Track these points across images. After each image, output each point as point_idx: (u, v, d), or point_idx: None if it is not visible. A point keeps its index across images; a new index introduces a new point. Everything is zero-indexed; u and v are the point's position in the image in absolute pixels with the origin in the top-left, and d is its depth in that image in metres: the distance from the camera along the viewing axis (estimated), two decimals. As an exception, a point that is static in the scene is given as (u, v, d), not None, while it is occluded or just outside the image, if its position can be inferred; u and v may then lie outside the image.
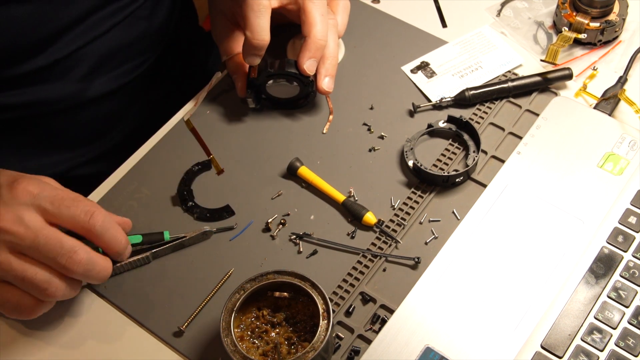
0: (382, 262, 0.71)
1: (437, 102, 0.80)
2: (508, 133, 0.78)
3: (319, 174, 0.76)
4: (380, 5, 0.90)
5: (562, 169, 0.74)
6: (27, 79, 0.78)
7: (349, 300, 0.69)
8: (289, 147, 0.79)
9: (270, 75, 0.77)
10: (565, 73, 0.81)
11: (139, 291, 0.70)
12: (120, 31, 0.83)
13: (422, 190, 0.75)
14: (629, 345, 0.64)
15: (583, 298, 0.66)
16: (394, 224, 0.73)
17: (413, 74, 0.84)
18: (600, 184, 0.73)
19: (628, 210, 0.71)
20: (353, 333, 0.67)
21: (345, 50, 0.86)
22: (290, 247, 0.72)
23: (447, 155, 0.77)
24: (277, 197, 0.75)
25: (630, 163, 0.74)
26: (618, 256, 0.69)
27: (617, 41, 0.85)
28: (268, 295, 0.64)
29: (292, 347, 0.63)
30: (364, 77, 0.84)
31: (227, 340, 0.60)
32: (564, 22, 0.84)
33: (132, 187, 0.77)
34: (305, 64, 0.75)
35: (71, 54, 0.79)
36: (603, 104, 0.79)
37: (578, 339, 0.64)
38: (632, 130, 0.77)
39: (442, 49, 0.86)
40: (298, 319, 0.64)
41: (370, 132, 0.80)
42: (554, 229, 0.70)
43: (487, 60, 0.84)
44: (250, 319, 0.64)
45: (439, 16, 0.89)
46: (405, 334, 0.65)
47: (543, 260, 0.69)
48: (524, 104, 0.80)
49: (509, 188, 0.73)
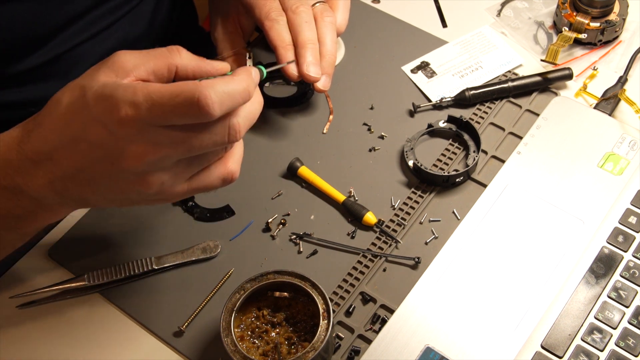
0: (382, 262, 0.71)
1: (437, 102, 0.80)
2: (508, 133, 0.78)
3: (319, 174, 0.76)
4: (380, 5, 0.90)
5: (562, 169, 0.74)
6: (28, 76, 0.78)
7: (349, 300, 0.69)
8: (289, 147, 0.79)
9: (267, 79, 0.77)
10: (565, 73, 0.81)
11: (139, 291, 0.70)
12: (121, 29, 0.83)
13: (422, 190, 0.75)
14: (629, 345, 0.64)
15: (583, 298, 0.66)
16: (394, 224, 0.73)
17: (413, 74, 0.84)
18: (600, 184, 0.73)
19: (628, 210, 0.71)
20: (353, 333, 0.67)
21: (345, 50, 0.86)
22: (290, 247, 0.72)
23: (447, 155, 0.77)
24: (277, 197, 0.75)
25: (630, 163, 0.74)
26: (618, 256, 0.69)
27: (617, 41, 0.85)
28: (268, 295, 0.64)
29: (292, 347, 0.63)
30: (364, 77, 0.84)
31: (227, 340, 0.60)
32: (564, 22, 0.84)
33: (132, 187, 0.77)
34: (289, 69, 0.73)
35: (72, 49, 0.79)
36: (603, 104, 0.79)
37: (578, 339, 0.64)
38: (632, 130, 0.77)
39: (442, 49, 0.86)
40: (298, 319, 0.64)
41: (370, 132, 0.80)
42: (554, 229, 0.70)
43: (487, 60, 0.84)
44: (250, 319, 0.64)
45: (439, 16, 0.89)
46: (405, 334, 0.65)
47: (543, 260, 0.69)
48: (524, 104, 0.80)
49: (509, 188, 0.73)
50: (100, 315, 0.69)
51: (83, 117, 0.54)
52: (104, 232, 0.74)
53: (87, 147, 0.54)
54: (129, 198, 0.58)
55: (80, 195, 0.58)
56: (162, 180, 0.56)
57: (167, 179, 0.56)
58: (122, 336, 0.68)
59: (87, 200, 0.59)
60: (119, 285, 0.70)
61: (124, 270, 0.70)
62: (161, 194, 0.57)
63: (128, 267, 0.70)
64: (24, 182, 0.57)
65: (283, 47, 0.73)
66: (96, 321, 0.69)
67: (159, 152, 0.53)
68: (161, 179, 0.55)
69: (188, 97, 0.51)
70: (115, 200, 0.59)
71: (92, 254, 0.73)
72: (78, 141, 0.55)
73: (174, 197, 0.59)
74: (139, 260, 0.70)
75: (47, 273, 0.72)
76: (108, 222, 0.75)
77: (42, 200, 0.59)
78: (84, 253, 0.73)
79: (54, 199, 0.58)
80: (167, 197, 0.58)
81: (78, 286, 0.69)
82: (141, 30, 0.86)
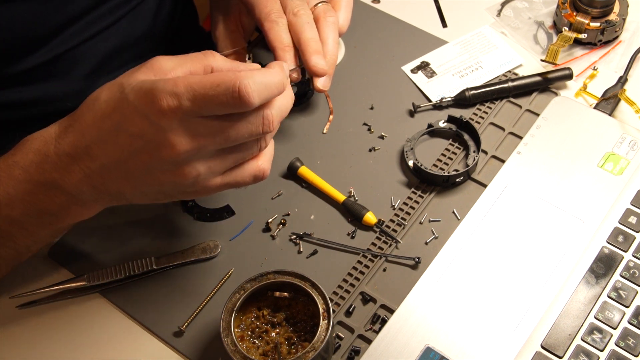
0: (382, 262, 0.71)
1: (437, 102, 0.80)
2: (508, 133, 0.78)
3: (319, 174, 0.76)
4: (380, 5, 0.90)
5: (562, 169, 0.74)
6: (28, 76, 0.78)
7: (349, 300, 0.69)
8: (289, 147, 0.79)
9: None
10: (565, 73, 0.81)
11: (139, 291, 0.70)
12: (121, 29, 0.83)
13: (422, 190, 0.75)
14: (629, 345, 0.64)
15: (583, 298, 0.66)
16: (394, 224, 0.73)
17: (413, 74, 0.84)
18: (600, 184, 0.73)
19: (628, 210, 0.71)
20: (353, 333, 0.67)
21: (345, 50, 0.86)
22: (290, 247, 0.72)
23: (447, 155, 0.77)
24: (277, 197, 0.75)
25: (630, 163, 0.74)
26: (618, 256, 0.69)
27: (617, 41, 0.85)
28: (268, 295, 0.64)
29: (292, 347, 0.63)
30: (364, 77, 0.84)
31: (227, 340, 0.61)
32: (564, 22, 0.84)
33: (132, 187, 0.77)
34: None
35: (72, 49, 0.79)
36: (603, 104, 0.79)
37: (578, 338, 0.64)
38: (632, 130, 0.77)
39: (442, 49, 0.86)
40: (298, 319, 0.64)
41: (370, 132, 0.80)
42: (554, 229, 0.70)
43: (487, 60, 0.84)
44: (250, 319, 0.64)
45: (439, 16, 0.89)
46: (405, 334, 0.65)
47: (543, 260, 0.69)
48: (524, 104, 0.80)
49: (509, 188, 0.73)
50: (100, 315, 0.69)
51: (123, 110, 0.55)
52: (104, 232, 0.74)
53: (127, 139, 0.56)
54: (163, 191, 0.59)
55: (117, 189, 0.59)
56: (198, 171, 0.57)
57: (203, 171, 0.58)
58: (122, 336, 0.68)
59: (123, 194, 0.60)
60: (119, 285, 0.70)
61: (124, 270, 0.70)
62: (195, 186, 0.59)
63: (128, 267, 0.70)
64: (60, 177, 0.59)
65: (281, 48, 0.73)
66: (96, 321, 0.69)
67: (197, 142, 0.55)
68: (197, 170, 0.57)
69: (229, 87, 0.53)
70: (149, 193, 0.60)
71: (92, 254, 0.73)
72: (117, 133, 0.56)
73: (207, 191, 0.60)
74: (139, 260, 0.70)
75: (47, 273, 0.72)
76: (108, 222, 0.75)
77: (78, 196, 0.60)
78: (84, 253, 0.73)
79: (90, 194, 0.60)
80: (200, 189, 0.59)
81: (78, 286, 0.69)
82: (142, 29, 0.86)
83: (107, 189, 0.59)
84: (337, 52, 0.78)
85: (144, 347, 0.67)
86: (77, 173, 0.59)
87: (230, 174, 0.60)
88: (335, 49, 0.78)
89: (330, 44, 0.77)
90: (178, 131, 0.54)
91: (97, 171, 0.58)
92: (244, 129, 0.57)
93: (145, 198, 0.61)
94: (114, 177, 0.58)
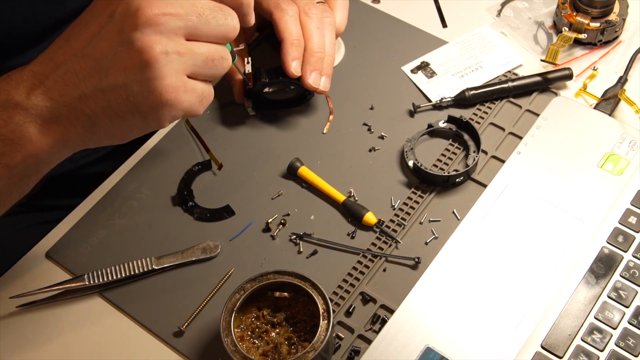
0: (382, 262, 0.71)
1: (437, 102, 0.80)
2: (508, 133, 0.78)
3: (319, 174, 0.76)
4: (380, 5, 0.90)
5: (562, 169, 0.74)
6: None
7: (349, 300, 0.69)
8: (289, 147, 0.79)
9: (265, 84, 0.77)
10: (565, 73, 0.81)
11: (139, 291, 0.70)
12: None
13: (422, 190, 0.75)
14: (629, 345, 0.64)
15: (583, 298, 0.66)
16: (394, 224, 0.73)
17: (413, 74, 0.84)
18: (600, 184, 0.73)
19: (628, 210, 0.71)
20: (353, 333, 0.67)
21: (345, 50, 0.86)
22: (290, 247, 0.72)
23: (447, 155, 0.77)
24: (277, 197, 0.75)
25: (630, 163, 0.74)
26: (618, 256, 0.69)
27: (617, 41, 0.85)
28: (268, 295, 0.64)
29: (292, 347, 0.63)
30: (364, 77, 0.84)
31: (227, 340, 0.61)
32: (564, 22, 0.84)
33: (132, 187, 0.77)
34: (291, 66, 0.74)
35: None
36: (603, 104, 0.79)
37: (578, 339, 0.64)
38: (632, 130, 0.77)
39: (442, 49, 0.86)
40: (298, 319, 0.64)
41: (370, 132, 0.80)
42: (554, 229, 0.70)
43: (487, 60, 0.84)
44: (250, 319, 0.64)
45: (439, 16, 0.89)
46: (405, 334, 0.65)
47: (543, 260, 0.69)
48: (524, 104, 0.80)
49: (509, 188, 0.73)
50: (100, 315, 0.69)
51: (92, 8, 0.57)
52: (104, 232, 0.74)
53: (95, 27, 0.56)
54: (129, 96, 0.55)
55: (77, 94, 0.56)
56: (164, 47, 0.54)
57: (171, 48, 0.55)
58: (122, 336, 0.68)
59: (84, 103, 0.56)
60: (119, 285, 0.70)
61: (123, 270, 0.70)
62: (164, 78, 0.55)
63: (128, 267, 0.70)
64: (16, 92, 0.56)
65: (290, 41, 0.73)
66: (96, 321, 0.69)
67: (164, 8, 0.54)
68: (164, 46, 0.54)
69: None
70: (113, 102, 0.56)
71: (92, 254, 0.73)
72: (87, 26, 0.57)
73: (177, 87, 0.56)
74: (139, 260, 0.70)
75: (47, 273, 0.72)
76: (108, 222, 0.75)
77: (33, 110, 0.56)
78: (84, 253, 0.73)
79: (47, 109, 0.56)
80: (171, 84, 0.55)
81: (78, 286, 0.69)
82: None
83: (66, 98, 0.56)
84: (334, 53, 0.78)
85: (143, 347, 0.67)
86: (30, 80, 0.56)
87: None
88: (332, 50, 0.78)
89: (328, 45, 0.77)
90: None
91: (58, 78, 0.56)
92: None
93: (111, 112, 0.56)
94: (73, 79, 0.56)
